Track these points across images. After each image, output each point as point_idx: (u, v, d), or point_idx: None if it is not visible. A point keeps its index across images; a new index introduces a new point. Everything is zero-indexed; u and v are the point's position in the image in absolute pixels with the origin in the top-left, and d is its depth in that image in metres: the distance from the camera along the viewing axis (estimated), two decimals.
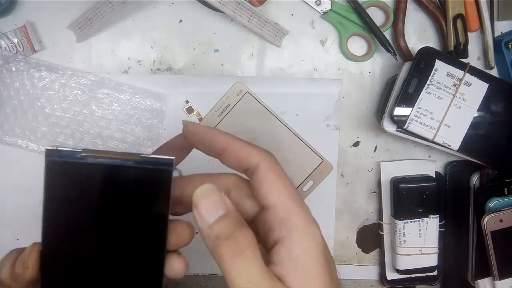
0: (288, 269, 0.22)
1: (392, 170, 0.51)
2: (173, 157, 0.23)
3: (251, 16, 0.46)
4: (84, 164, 0.22)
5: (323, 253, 0.23)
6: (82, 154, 0.22)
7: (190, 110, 0.49)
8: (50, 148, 0.22)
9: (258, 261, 0.22)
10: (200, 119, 0.49)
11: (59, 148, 0.22)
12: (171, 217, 0.24)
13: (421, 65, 0.44)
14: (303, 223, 0.23)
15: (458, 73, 0.44)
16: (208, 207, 0.22)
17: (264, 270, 0.22)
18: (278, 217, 0.23)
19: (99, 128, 0.49)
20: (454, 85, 0.44)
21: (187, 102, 0.49)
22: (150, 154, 0.23)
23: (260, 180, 0.24)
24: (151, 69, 0.50)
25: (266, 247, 0.24)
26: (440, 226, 0.50)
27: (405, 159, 0.52)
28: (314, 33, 0.50)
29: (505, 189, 0.48)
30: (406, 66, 0.45)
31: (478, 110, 0.45)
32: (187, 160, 0.30)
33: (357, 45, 0.50)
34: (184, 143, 0.28)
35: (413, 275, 0.52)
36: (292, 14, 0.50)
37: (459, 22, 0.48)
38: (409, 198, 0.49)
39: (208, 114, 0.47)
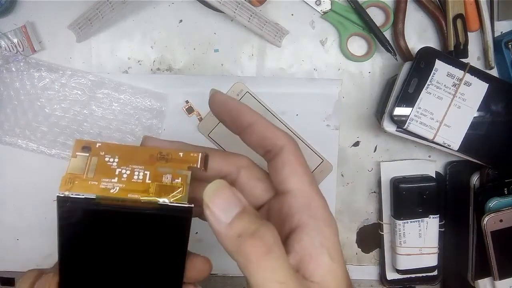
0: (312, 257, 0.21)
1: (392, 170, 0.51)
2: (192, 205, 0.21)
3: (251, 16, 0.46)
4: (98, 212, 0.21)
5: (339, 243, 0.23)
6: (95, 201, 0.21)
7: (190, 110, 0.49)
8: (61, 196, 0.21)
9: (286, 258, 0.20)
10: (200, 119, 0.49)
11: (71, 196, 0.21)
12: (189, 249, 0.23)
13: (421, 65, 0.44)
14: (325, 211, 0.23)
15: (458, 73, 0.44)
16: (222, 205, 0.20)
17: (291, 267, 0.20)
18: (298, 202, 0.22)
19: (99, 128, 0.49)
20: (454, 85, 0.44)
21: (187, 102, 0.49)
22: (168, 203, 0.21)
23: (282, 162, 0.23)
24: (151, 69, 0.50)
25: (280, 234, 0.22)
26: (440, 226, 0.50)
27: (405, 159, 0.52)
28: (314, 33, 0.50)
29: (505, 189, 0.48)
30: (406, 66, 0.45)
31: (478, 110, 0.45)
32: None
33: (357, 45, 0.50)
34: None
35: (413, 275, 0.52)
36: (292, 14, 0.50)
37: (459, 22, 0.48)
38: (409, 198, 0.49)
39: (208, 114, 0.47)
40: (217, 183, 0.21)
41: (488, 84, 0.45)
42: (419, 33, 0.50)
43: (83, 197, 0.21)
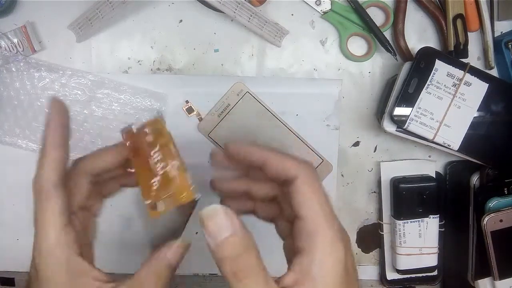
0: (307, 281, 0.24)
1: (392, 170, 0.51)
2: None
3: (251, 16, 0.46)
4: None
5: (344, 269, 0.25)
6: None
7: (190, 110, 0.49)
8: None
9: (264, 281, 0.23)
10: (200, 119, 0.48)
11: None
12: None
13: (421, 65, 0.44)
14: (328, 240, 0.25)
15: (458, 73, 0.44)
16: (215, 227, 0.24)
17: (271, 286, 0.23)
18: (306, 229, 0.25)
19: (99, 128, 0.49)
20: (454, 85, 0.44)
21: (187, 102, 0.49)
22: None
23: (296, 191, 0.26)
24: (151, 69, 0.50)
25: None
26: (440, 226, 0.50)
27: (405, 159, 0.52)
28: (314, 33, 0.50)
29: (505, 189, 0.48)
30: (406, 66, 0.45)
31: (478, 110, 0.45)
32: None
33: (357, 45, 0.50)
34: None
35: (413, 275, 0.52)
36: (292, 14, 0.50)
37: (459, 22, 0.48)
38: (409, 198, 0.49)
39: (208, 114, 0.46)
40: (214, 207, 0.24)
41: (488, 84, 0.45)
42: (419, 33, 0.50)
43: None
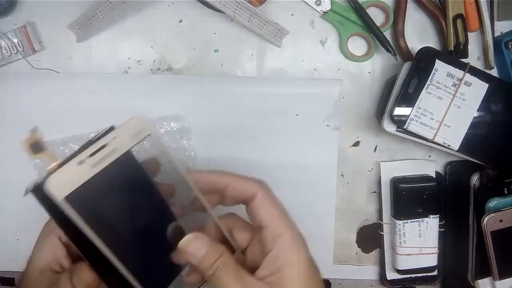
0: (276, 273, 0.28)
1: (392, 170, 0.51)
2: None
3: (251, 16, 0.46)
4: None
5: (306, 262, 0.29)
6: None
7: (36, 147, 0.28)
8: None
9: (236, 273, 0.28)
10: (55, 168, 0.26)
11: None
12: None
13: (421, 65, 0.44)
14: (290, 239, 0.29)
15: (458, 73, 0.44)
16: (193, 250, 0.28)
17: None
18: (271, 233, 0.29)
19: None
20: (454, 85, 0.44)
21: (33, 130, 0.28)
22: None
23: (257, 206, 0.30)
24: (151, 69, 0.50)
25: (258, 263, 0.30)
26: (440, 226, 0.50)
27: (405, 159, 0.52)
28: (314, 33, 0.50)
29: (505, 189, 0.48)
30: (406, 66, 0.45)
31: (478, 110, 0.45)
32: None
33: (357, 45, 0.50)
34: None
35: (413, 275, 0.52)
36: (292, 14, 0.50)
37: (459, 22, 0.48)
38: (409, 198, 0.49)
39: (72, 162, 0.24)
40: (186, 238, 0.28)
41: (488, 84, 0.45)
42: (419, 33, 0.50)
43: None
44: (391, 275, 0.53)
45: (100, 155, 0.25)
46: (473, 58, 0.50)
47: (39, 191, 0.25)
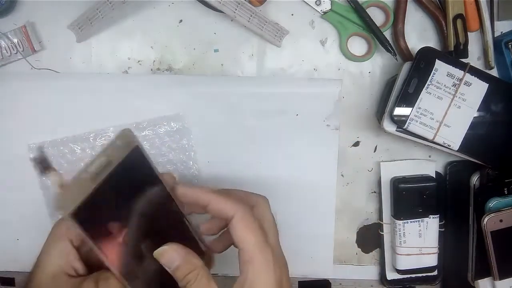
0: None
1: (392, 170, 0.51)
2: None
3: (251, 16, 0.46)
4: None
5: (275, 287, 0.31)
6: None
7: (42, 167, 0.33)
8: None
9: (207, 284, 0.31)
10: (61, 185, 0.33)
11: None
12: None
13: (421, 65, 0.44)
14: (260, 267, 0.31)
15: (458, 73, 0.44)
16: (167, 261, 0.31)
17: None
18: (243, 258, 0.31)
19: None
20: (454, 85, 0.44)
21: (40, 152, 0.32)
22: None
23: (233, 228, 0.32)
24: (151, 69, 0.50)
25: None
26: (440, 226, 0.50)
27: (405, 159, 0.52)
28: (314, 33, 0.50)
29: (505, 189, 0.48)
30: (406, 66, 0.45)
31: (478, 110, 0.45)
32: None
33: (357, 45, 0.50)
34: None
35: (413, 275, 0.52)
36: (292, 14, 0.50)
37: (459, 22, 0.48)
38: (409, 198, 0.49)
39: (78, 177, 0.27)
40: (161, 249, 0.30)
41: (488, 84, 0.45)
42: (419, 33, 0.50)
43: None
44: (391, 275, 0.53)
45: (97, 169, 0.27)
46: (473, 58, 0.50)
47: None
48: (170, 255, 0.30)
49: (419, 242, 0.50)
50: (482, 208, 0.47)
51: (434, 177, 0.50)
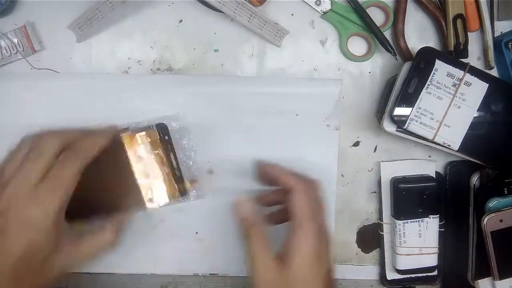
0: (286, 256, 0.35)
1: (392, 170, 0.51)
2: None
3: (251, 16, 0.46)
4: None
5: (313, 253, 0.35)
6: None
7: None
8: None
9: (263, 242, 0.36)
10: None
11: None
12: None
13: (421, 65, 0.44)
14: (304, 233, 0.36)
15: (458, 73, 0.44)
16: (239, 208, 0.39)
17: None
18: (292, 224, 0.36)
19: None
20: (454, 85, 0.44)
21: None
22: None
23: (290, 198, 0.37)
24: (151, 69, 0.50)
25: None
26: (440, 226, 0.50)
27: (405, 159, 0.52)
28: (314, 33, 0.50)
29: (505, 189, 0.48)
30: (406, 66, 0.45)
31: (478, 110, 0.45)
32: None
33: (357, 45, 0.51)
34: None
35: (413, 275, 0.52)
36: (292, 14, 0.50)
37: (459, 22, 0.48)
38: (409, 198, 0.49)
39: None
40: (236, 199, 0.39)
41: (488, 84, 0.45)
42: (419, 33, 0.50)
43: None
44: (391, 275, 0.53)
45: None
46: (473, 58, 0.50)
47: None
48: (241, 206, 0.39)
49: (419, 242, 0.50)
50: (482, 208, 0.47)
51: (434, 177, 0.50)
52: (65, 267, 0.36)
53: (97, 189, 0.39)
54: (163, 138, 0.41)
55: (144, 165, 0.40)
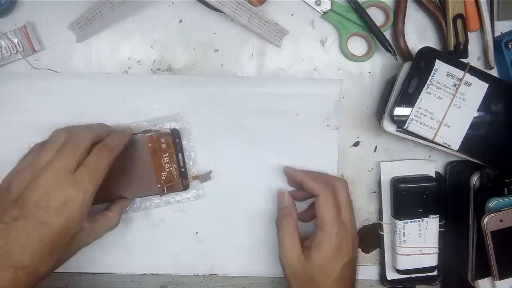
0: (312, 248, 0.42)
1: (392, 170, 0.51)
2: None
3: (251, 16, 0.46)
4: None
5: (335, 248, 0.42)
6: None
7: None
8: None
9: (293, 230, 0.44)
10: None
11: None
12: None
13: (421, 65, 0.44)
14: (327, 232, 0.42)
15: (458, 73, 0.44)
16: (280, 198, 0.48)
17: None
18: (318, 225, 0.43)
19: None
20: (454, 85, 0.44)
21: None
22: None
23: (316, 203, 0.44)
24: (151, 69, 0.50)
25: None
26: (440, 226, 0.50)
27: (405, 159, 0.52)
28: (314, 33, 0.50)
29: (505, 189, 0.48)
30: (406, 66, 0.45)
31: (478, 110, 0.45)
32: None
33: (357, 45, 0.51)
34: None
35: (413, 275, 0.52)
36: (292, 14, 0.50)
37: (459, 22, 0.48)
38: (409, 198, 0.49)
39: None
40: (280, 191, 0.48)
41: (488, 84, 0.45)
42: (419, 33, 0.50)
43: None
44: (391, 275, 0.53)
45: None
46: (473, 58, 0.50)
47: None
48: (282, 198, 0.47)
49: (419, 242, 0.50)
50: (482, 208, 0.47)
51: (434, 177, 0.50)
52: (83, 244, 0.41)
53: (117, 177, 0.47)
54: (174, 141, 0.48)
55: (158, 161, 0.48)
